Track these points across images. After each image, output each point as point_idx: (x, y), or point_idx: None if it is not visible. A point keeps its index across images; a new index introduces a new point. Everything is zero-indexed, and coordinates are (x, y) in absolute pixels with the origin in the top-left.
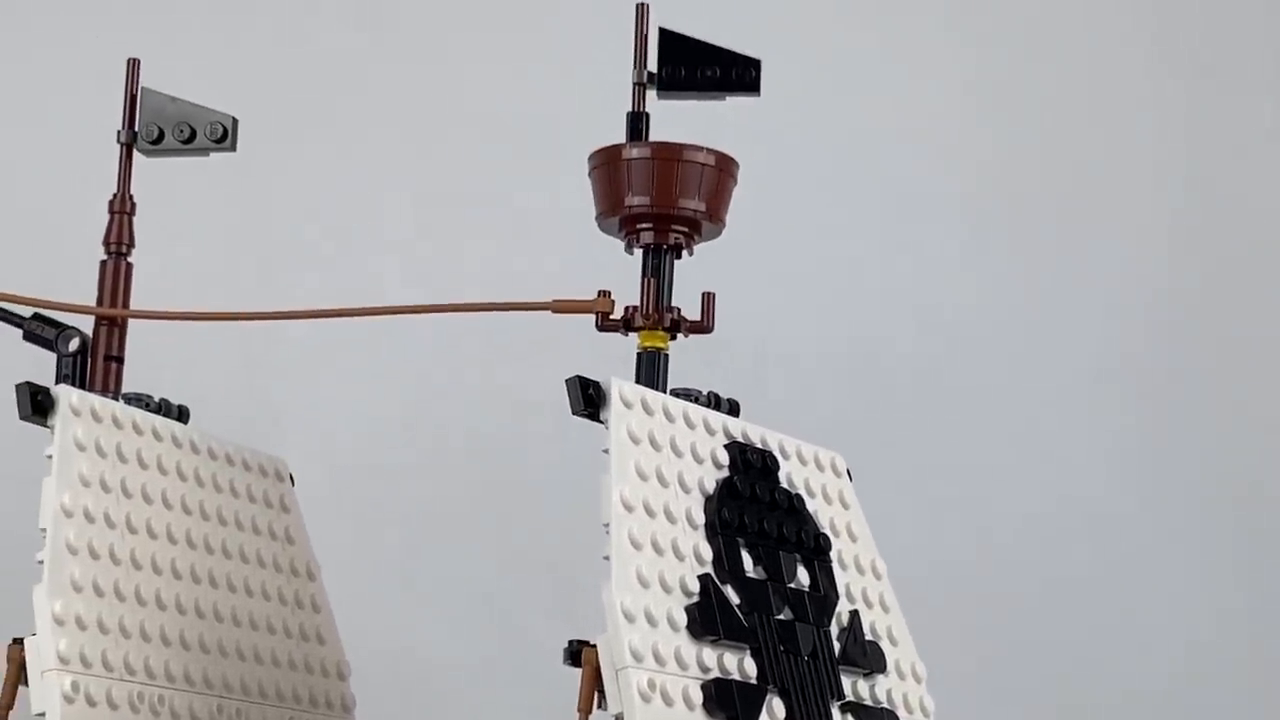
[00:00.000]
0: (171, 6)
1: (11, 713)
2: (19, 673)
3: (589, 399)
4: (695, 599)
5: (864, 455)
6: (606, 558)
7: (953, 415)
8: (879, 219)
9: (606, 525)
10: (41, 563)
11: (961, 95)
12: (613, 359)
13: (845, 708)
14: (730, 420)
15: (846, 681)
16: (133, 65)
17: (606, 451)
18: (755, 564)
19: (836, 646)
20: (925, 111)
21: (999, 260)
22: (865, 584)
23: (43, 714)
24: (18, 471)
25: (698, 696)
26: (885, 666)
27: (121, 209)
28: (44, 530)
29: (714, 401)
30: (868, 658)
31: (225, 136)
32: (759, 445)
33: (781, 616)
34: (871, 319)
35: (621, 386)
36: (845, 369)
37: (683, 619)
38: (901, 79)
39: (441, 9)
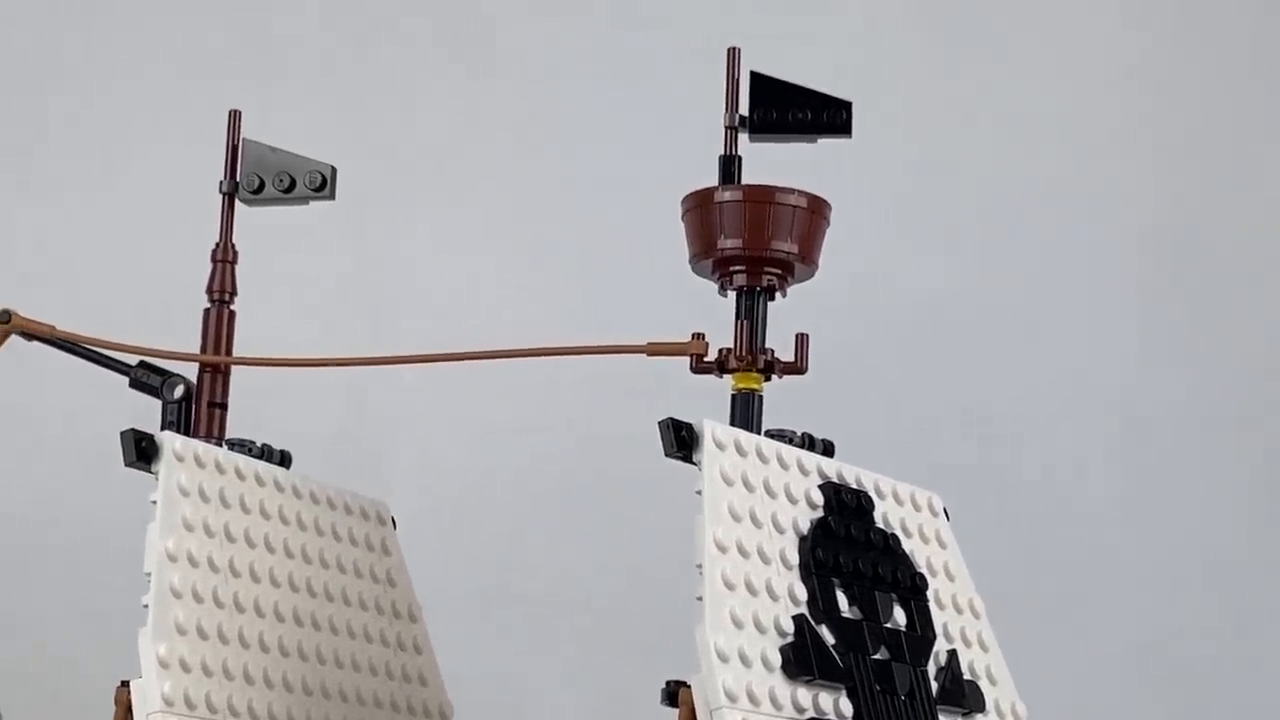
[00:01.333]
0: (274, 60)
1: None
2: (126, 715)
3: (681, 441)
4: (790, 639)
5: (961, 496)
6: (700, 598)
7: (1053, 457)
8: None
9: (700, 566)
10: (146, 606)
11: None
12: (710, 400)
13: None
14: (824, 461)
15: None
16: (234, 117)
17: (700, 493)
18: (850, 604)
19: (934, 686)
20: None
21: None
22: (963, 623)
23: None
24: (126, 517)
25: None
26: (984, 706)
27: (224, 258)
28: (148, 574)
29: (808, 442)
30: (966, 697)
31: (324, 185)
32: (854, 485)
33: (878, 656)
34: (965, 363)
35: (714, 428)
36: (943, 413)
37: (777, 659)
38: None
39: (541, 55)
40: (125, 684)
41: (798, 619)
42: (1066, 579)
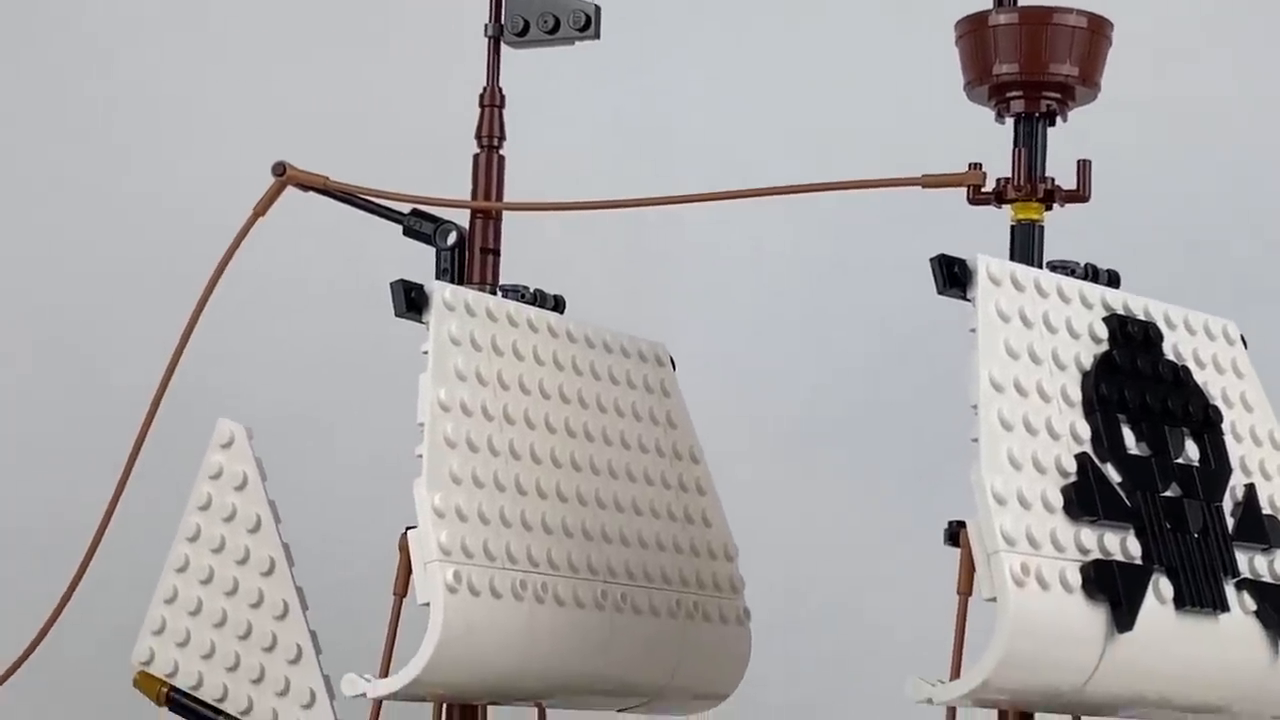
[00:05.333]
0: None
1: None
2: (408, 563)
3: (954, 277)
4: (1072, 479)
5: (1263, 324)
6: (975, 440)
7: None
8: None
9: (975, 406)
10: (421, 456)
11: None
12: (990, 233)
13: (1241, 585)
14: (1109, 292)
15: (1242, 558)
16: None
17: (974, 330)
18: (1138, 440)
19: (1230, 522)
20: None
21: None
22: (1263, 455)
23: (427, 604)
24: (398, 369)
25: (1076, 579)
26: None
27: (491, 102)
28: (422, 425)
29: (1091, 273)
30: (1266, 533)
31: (588, 25)
32: (1141, 316)
33: (1168, 493)
34: (1262, 178)
35: (988, 263)
36: (1236, 234)
37: (1059, 500)
38: None
39: None
40: (408, 530)
41: (1080, 458)
42: None
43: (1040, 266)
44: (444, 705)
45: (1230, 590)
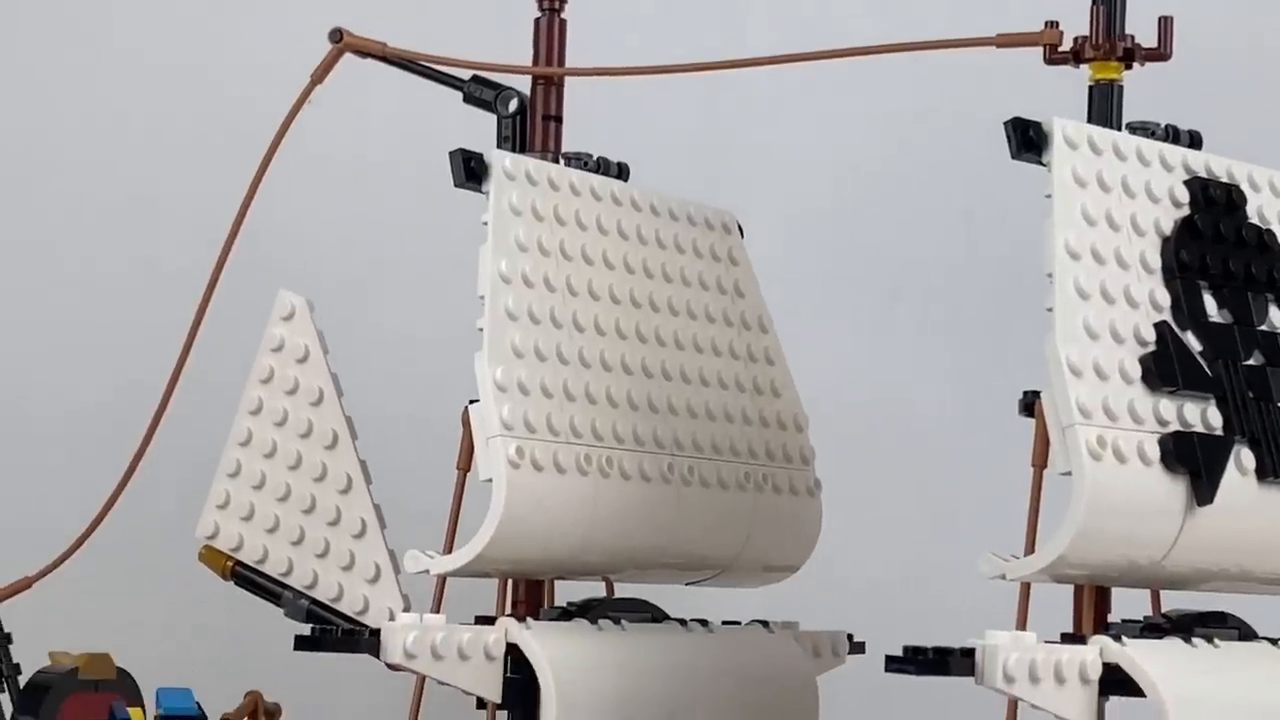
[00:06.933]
0: None
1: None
2: (473, 437)
3: (1029, 141)
4: (1151, 348)
5: None
6: (1050, 309)
7: None
8: None
9: (1050, 274)
10: (482, 330)
11: None
12: (1068, 94)
13: None
14: (1191, 154)
15: None
16: None
17: (1049, 196)
18: (1219, 307)
19: None
20: None
21: None
22: None
23: (490, 480)
24: (461, 242)
25: (1155, 452)
26: None
27: None
28: (482, 297)
29: (1173, 135)
30: None
31: None
32: (1224, 179)
33: (1250, 362)
34: None
35: (1064, 126)
36: None
37: (1137, 370)
38: None
39: None
40: (470, 404)
41: (1160, 326)
42: None
43: (1119, 128)
44: (509, 581)
45: None
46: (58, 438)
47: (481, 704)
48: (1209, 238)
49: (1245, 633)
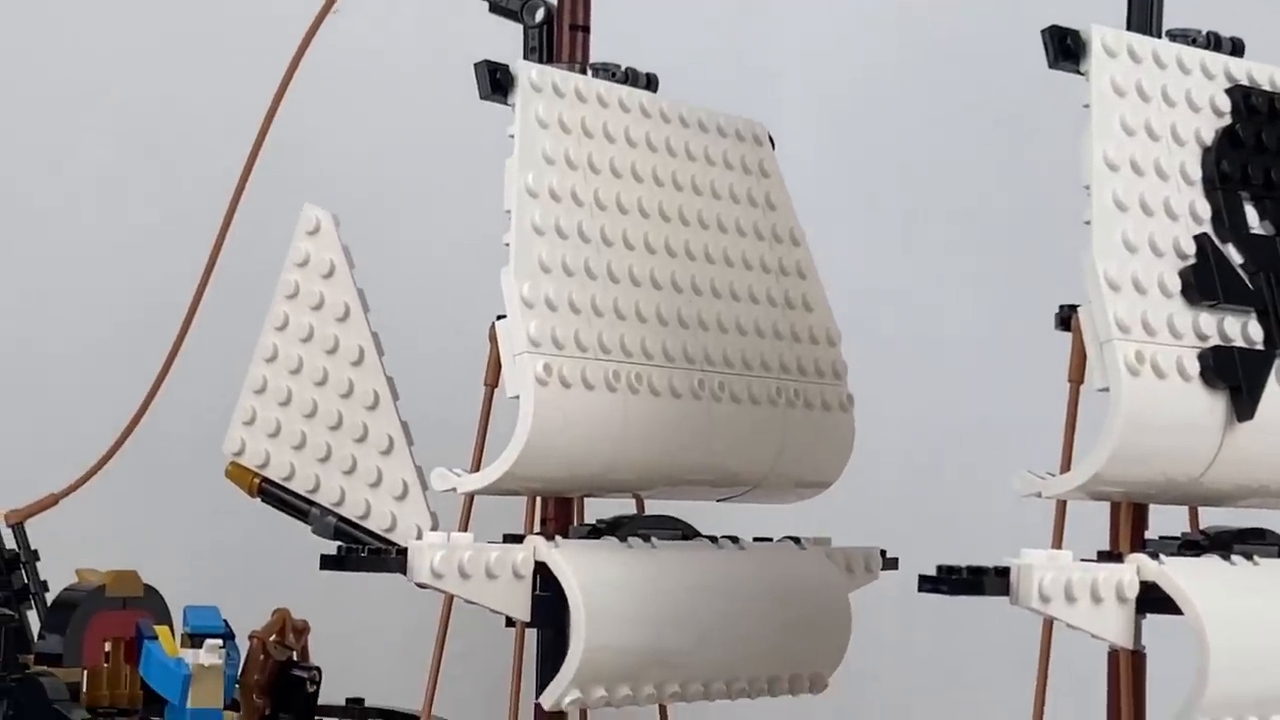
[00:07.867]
0: None
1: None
2: (500, 353)
3: (1067, 49)
4: (1191, 261)
5: None
6: (1088, 222)
7: None
8: None
9: (1087, 187)
10: (508, 245)
11: None
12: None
13: None
14: (1233, 61)
15: None
16: None
17: (1087, 107)
18: (1261, 219)
19: None
20: None
21: None
22: None
23: (517, 396)
24: (487, 155)
25: (1194, 367)
26: None
27: None
28: (509, 211)
29: (1214, 42)
30: None
31: None
32: (1267, 87)
33: None
34: None
35: (1103, 33)
36: None
37: (1176, 284)
38: None
39: None
40: (497, 319)
41: (1200, 238)
42: None
43: (1159, 36)
44: (537, 498)
45: None
46: (83, 355)
47: (510, 623)
48: (1250, 147)
49: None
